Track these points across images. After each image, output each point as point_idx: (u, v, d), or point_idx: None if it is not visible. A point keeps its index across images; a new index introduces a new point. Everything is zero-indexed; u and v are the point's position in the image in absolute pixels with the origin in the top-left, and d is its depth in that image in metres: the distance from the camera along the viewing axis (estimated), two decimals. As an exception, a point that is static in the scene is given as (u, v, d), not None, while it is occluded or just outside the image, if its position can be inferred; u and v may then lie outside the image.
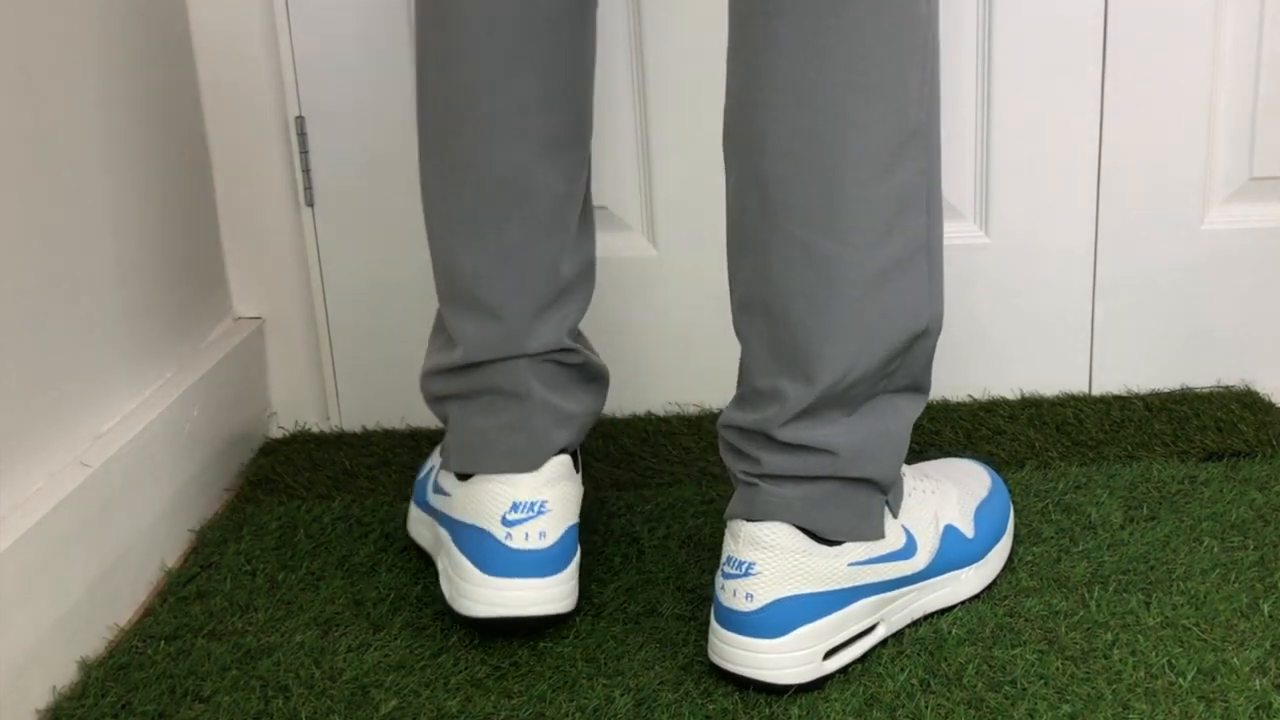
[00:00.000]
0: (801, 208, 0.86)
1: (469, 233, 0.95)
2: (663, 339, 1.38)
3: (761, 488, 0.90)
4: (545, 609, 0.94)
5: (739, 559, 0.90)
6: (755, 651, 0.89)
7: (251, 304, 1.37)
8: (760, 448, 0.91)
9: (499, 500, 0.94)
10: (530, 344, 0.96)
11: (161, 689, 0.94)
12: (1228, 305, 1.37)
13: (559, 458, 0.97)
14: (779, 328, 0.89)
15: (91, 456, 1.03)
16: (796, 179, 0.86)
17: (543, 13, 0.92)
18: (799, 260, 0.87)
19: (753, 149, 0.87)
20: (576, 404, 1.00)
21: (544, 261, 0.96)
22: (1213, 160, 1.34)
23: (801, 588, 0.90)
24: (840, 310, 0.88)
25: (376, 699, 0.92)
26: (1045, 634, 0.96)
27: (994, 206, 1.34)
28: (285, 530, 1.16)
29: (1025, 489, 1.17)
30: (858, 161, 0.85)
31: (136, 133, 1.15)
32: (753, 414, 0.91)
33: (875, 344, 0.89)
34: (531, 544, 0.93)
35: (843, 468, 0.90)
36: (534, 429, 0.96)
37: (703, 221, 1.35)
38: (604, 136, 1.33)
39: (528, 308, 0.96)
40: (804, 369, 0.89)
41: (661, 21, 1.29)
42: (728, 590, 0.91)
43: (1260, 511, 1.12)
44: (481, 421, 0.97)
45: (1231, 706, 0.87)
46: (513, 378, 0.96)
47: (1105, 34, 1.29)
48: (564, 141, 0.95)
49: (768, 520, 0.90)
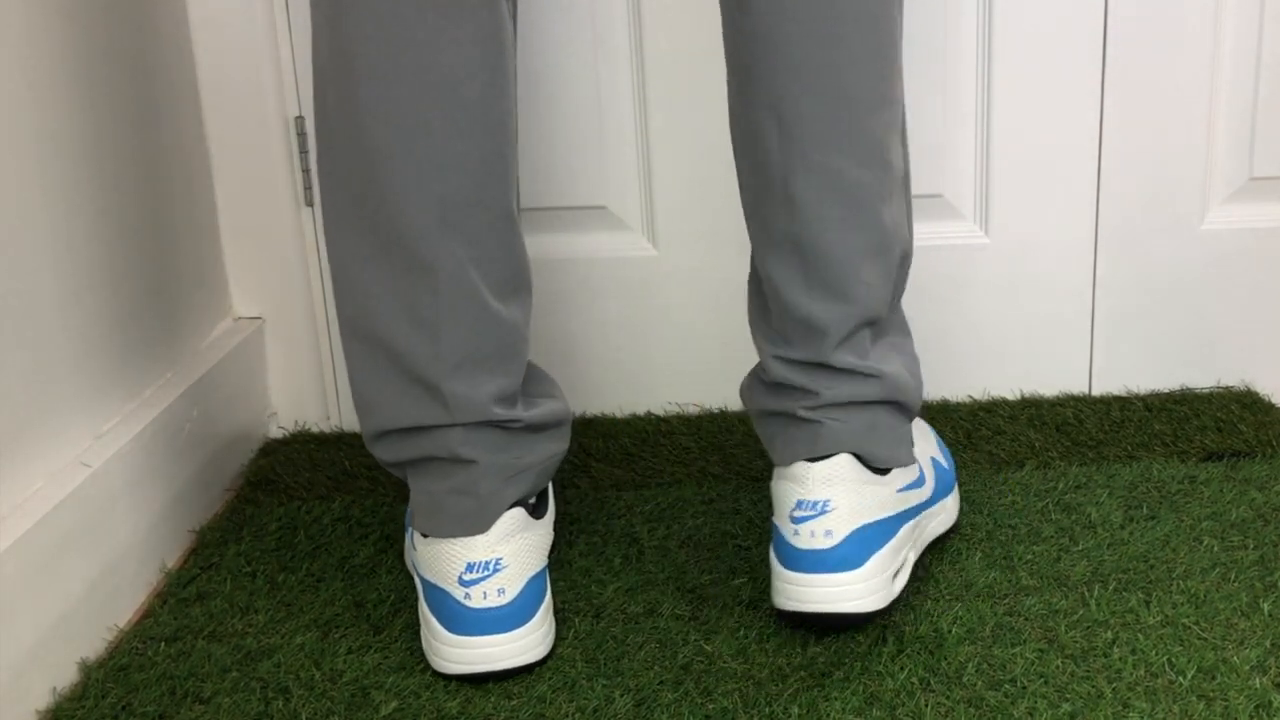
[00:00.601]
0: (826, 137, 0.92)
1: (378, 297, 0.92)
2: (663, 339, 1.38)
3: (824, 423, 0.95)
4: (513, 661, 0.94)
5: (811, 499, 0.94)
6: (840, 585, 0.93)
7: (251, 304, 1.37)
8: (817, 378, 0.96)
9: (454, 561, 0.94)
10: (458, 413, 0.93)
11: (162, 690, 0.94)
12: (1228, 305, 1.37)
13: (511, 512, 0.95)
14: (812, 256, 0.94)
15: (91, 456, 1.03)
16: (822, 110, 0.92)
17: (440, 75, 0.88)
18: (827, 188, 0.93)
19: (776, 86, 0.92)
20: (530, 455, 0.97)
21: (460, 327, 0.92)
22: (1213, 160, 1.34)
23: (870, 516, 0.95)
24: (865, 231, 0.94)
25: (377, 700, 0.92)
26: (1045, 633, 0.96)
27: (994, 206, 1.34)
28: (285, 531, 1.16)
29: (1025, 489, 1.17)
30: (868, 90, 0.92)
31: (136, 132, 1.15)
32: (802, 347, 0.96)
33: (888, 262, 0.96)
34: (490, 602, 0.93)
35: (889, 392, 0.97)
36: (481, 492, 0.94)
37: (703, 221, 1.35)
38: (604, 136, 1.33)
39: (448, 374, 0.93)
40: (842, 291, 0.95)
41: (661, 21, 1.29)
42: (803, 533, 0.94)
43: (1260, 511, 1.12)
44: (431, 484, 0.95)
45: (1231, 705, 0.87)
46: (448, 445, 0.94)
47: (1105, 34, 1.29)
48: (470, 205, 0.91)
49: (832, 454, 0.95)
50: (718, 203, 1.34)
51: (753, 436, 1.32)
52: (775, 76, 0.92)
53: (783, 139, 0.93)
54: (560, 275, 1.36)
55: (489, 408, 0.94)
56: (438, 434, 0.94)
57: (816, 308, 0.95)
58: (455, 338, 0.92)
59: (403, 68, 0.88)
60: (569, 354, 1.39)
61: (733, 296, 1.37)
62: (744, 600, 1.02)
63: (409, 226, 0.90)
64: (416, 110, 0.88)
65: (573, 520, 1.16)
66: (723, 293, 1.36)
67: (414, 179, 0.89)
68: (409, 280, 0.91)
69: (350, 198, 0.91)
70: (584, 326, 1.38)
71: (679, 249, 1.36)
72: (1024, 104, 1.31)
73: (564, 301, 1.37)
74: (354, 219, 0.91)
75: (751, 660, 0.95)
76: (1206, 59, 1.30)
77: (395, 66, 0.88)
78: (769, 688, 0.91)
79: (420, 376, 0.93)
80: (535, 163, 1.34)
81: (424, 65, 0.88)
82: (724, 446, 1.30)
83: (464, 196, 0.91)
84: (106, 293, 1.09)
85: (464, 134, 0.90)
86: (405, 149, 0.89)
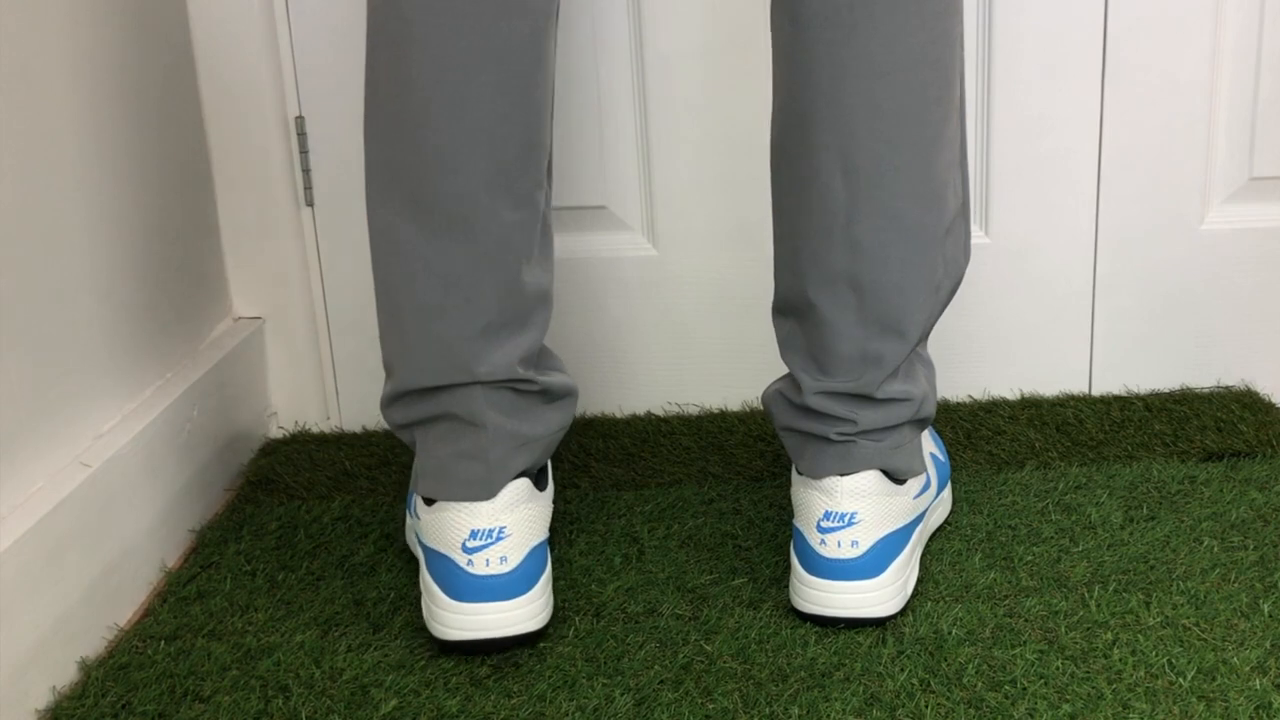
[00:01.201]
0: (893, 182, 0.94)
1: (415, 260, 0.94)
2: (663, 339, 1.38)
3: (857, 443, 0.98)
4: (512, 630, 0.95)
5: (840, 511, 0.98)
6: (862, 593, 0.97)
7: (251, 304, 1.37)
8: (857, 408, 0.99)
9: (458, 528, 0.95)
10: (481, 371, 0.95)
11: (161, 689, 0.94)
12: (1228, 305, 1.37)
13: (517, 482, 0.96)
14: (870, 296, 0.97)
15: (91, 456, 1.03)
16: (889, 155, 0.94)
17: (494, 45, 0.91)
18: (891, 231, 0.95)
19: (842, 134, 0.94)
20: (539, 426, 0.99)
21: (492, 289, 0.95)
22: (1213, 160, 1.34)
23: (891, 526, 0.99)
24: (923, 270, 0.97)
25: (376, 699, 0.92)
26: (1045, 634, 0.96)
27: (994, 206, 1.34)
28: (285, 530, 1.16)
29: (1025, 489, 1.17)
30: (932, 133, 0.95)
31: (136, 133, 1.15)
32: (848, 379, 0.99)
33: (941, 295, 1.00)
34: (493, 569, 0.95)
35: (916, 411, 1.01)
36: (490, 457, 0.96)
37: (703, 221, 1.35)
38: (604, 136, 1.33)
39: (476, 335, 0.95)
40: (897, 329, 0.98)
41: (661, 21, 1.29)
42: (830, 543, 0.98)
43: (1260, 511, 1.12)
44: (440, 449, 0.97)
45: (1231, 706, 0.87)
46: (467, 404, 0.96)
47: (1105, 34, 1.29)
48: (514, 171, 0.94)
49: (862, 471, 0.98)
50: (718, 203, 1.34)
51: (753, 436, 1.32)
52: (841, 120, 0.93)
53: (848, 182, 0.94)
54: (560, 275, 1.36)
55: (513, 368, 0.96)
56: (458, 392, 0.96)
57: (872, 345, 0.98)
58: (489, 300, 0.95)
59: (460, 36, 0.91)
60: (569, 354, 1.39)
61: (733, 296, 1.37)
62: (744, 600, 1.02)
63: (453, 190, 0.93)
64: (468, 79, 0.91)
65: (573, 520, 1.16)
66: (723, 293, 1.36)
67: (463, 145, 0.92)
68: (449, 242, 0.94)
69: (396, 162, 0.94)
70: (584, 326, 1.38)
71: (679, 249, 1.36)
72: (1024, 104, 1.31)
73: (564, 301, 1.37)
74: (398, 184, 0.94)
75: (751, 660, 0.95)
76: (1207, 59, 1.30)
77: (453, 35, 0.91)
78: (769, 688, 0.91)
79: (448, 336, 0.95)
80: (535, 162, 1.34)
81: (481, 36, 0.91)
82: (724, 446, 1.30)
83: (508, 163, 0.94)
84: (106, 293, 1.09)
85: (513, 104, 0.93)
86: (455, 115, 0.92)
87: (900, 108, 0.93)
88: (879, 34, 0.92)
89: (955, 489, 1.18)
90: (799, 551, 1.00)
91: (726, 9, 1.29)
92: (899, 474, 1.00)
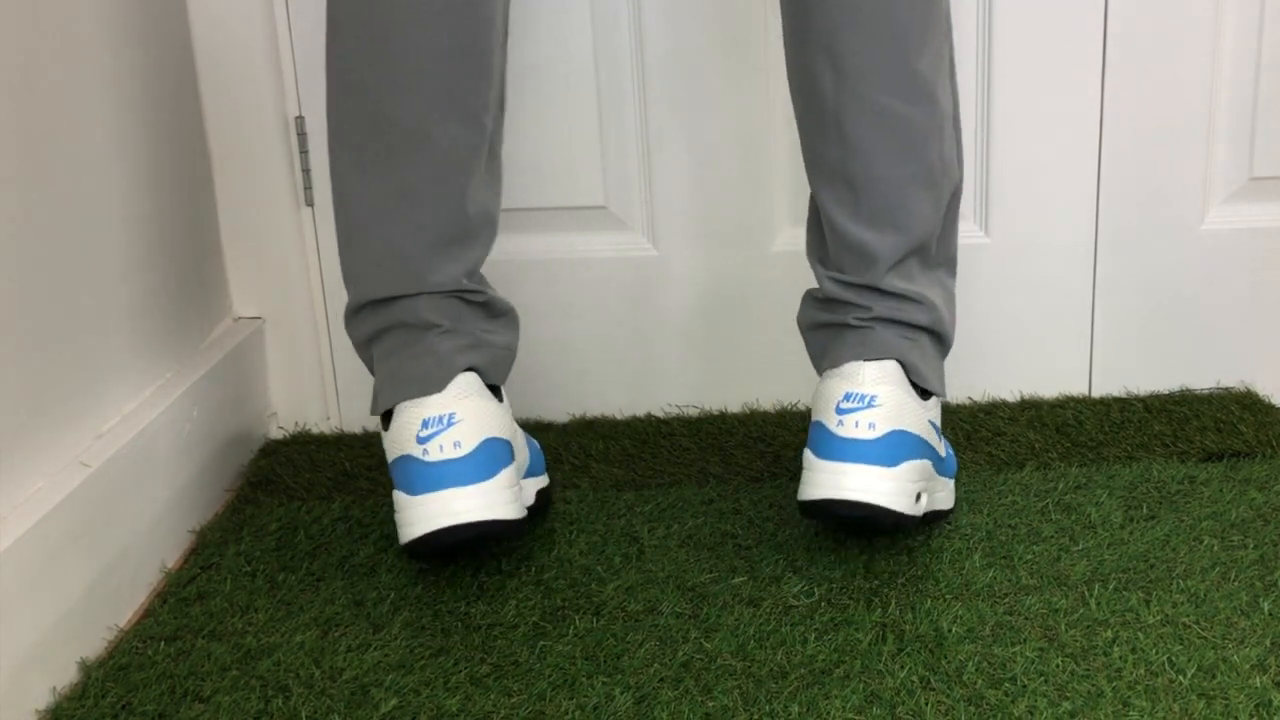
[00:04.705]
0: (876, 75, 0.99)
1: (369, 173, 1.00)
2: (663, 339, 1.38)
3: (876, 330, 1.02)
4: (473, 516, 0.93)
5: (861, 393, 0.99)
6: (874, 479, 0.97)
7: (251, 304, 1.37)
8: (869, 297, 1.02)
9: (411, 422, 0.96)
10: (430, 281, 1.00)
11: (161, 689, 0.94)
12: (1228, 305, 1.37)
13: (466, 375, 0.99)
14: (863, 187, 1.01)
15: (91, 456, 1.03)
16: (872, 50, 0.99)
17: None
18: (877, 123, 1.00)
19: (829, 28, 0.99)
20: (485, 333, 1.04)
21: (443, 203, 1.00)
22: (1213, 160, 1.34)
23: (908, 424, 1.00)
24: (913, 164, 1.01)
25: (376, 698, 0.92)
26: (1045, 631, 0.96)
27: (994, 206, 1.34)
28: (285, 531, 1.16)
29: (1025, 489, 1.17)
30: (916, 32, 0.99)
31: (136, 132, 1.16)
32: (854, 272, 1.03)
33: (936, 195, 1.02)
34: (447, 454, 0.94)
35: (932, 320, 1.04)
36: (439, 351, 1.00)
37: (703, 221, 1.35)
38: (604, 136, 1.33)
39: (426, 246, 1.00)
40: (891, 220, 1.01)
41: (662, 22, 1.29)
42: (848, 423, 0.98)
43: (1260, 511, 1.12)
44: (394, 358, 1.01)
45: (1231, 704, 0.87)
46: (416, 312, 1.01)
47: (1105, 34, 1.29)
48: (465, 92, 0.99)
49: (885, 358, 1.01)
50: (718, 203, 1.34)
51: (752, 437, 1.32)
52: (828, 19, 0.99)
53: (835, 77, 1.00)
54: (560, 275, 1.36)
55: (460, 279, 1.02)
56: (408, 302, 1.01)
57: (868, 236, 1.02)
58: (439, 213, 1.00)
59: None
60: (569, 354, 1.39)
61: (733, 297, 1.37)
62: (744, 598, 1.02)
63: (409, 108, 0.98)
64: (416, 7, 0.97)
65: (573, 520, 1.16)
66: (723, 293, 1.36)
67: (414, 65, 0.98)
68: (403, 158, 0.99)
69: (353, 87, 1.00)
70: (584, 326, 1.38)
71: (679, 249, 1.36)
72: (1024, 104, 1.31)
73: (564, 302, 1.37)
74: (355, 108, 0.99)
75: (751, 658, 0.95)
76: (1207, 59, 1.30)
77: None
78: (769, 685, 0.91)
79: (399, 246, 1.00)
80: (536, 162, 1.34)
81: None
82: (724, 447, 1.30)
83: (463, 83, 0.99)
84: (106, 293, 1.09)
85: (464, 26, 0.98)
86: (412, 38, 0.97)
87: (878, 6, 0.98)
88: None
89: (955, 489, 1.18)
90: (814, 442, 1.00)
91: (726, 9, 1.29)
92: (919, 378, 1.03)
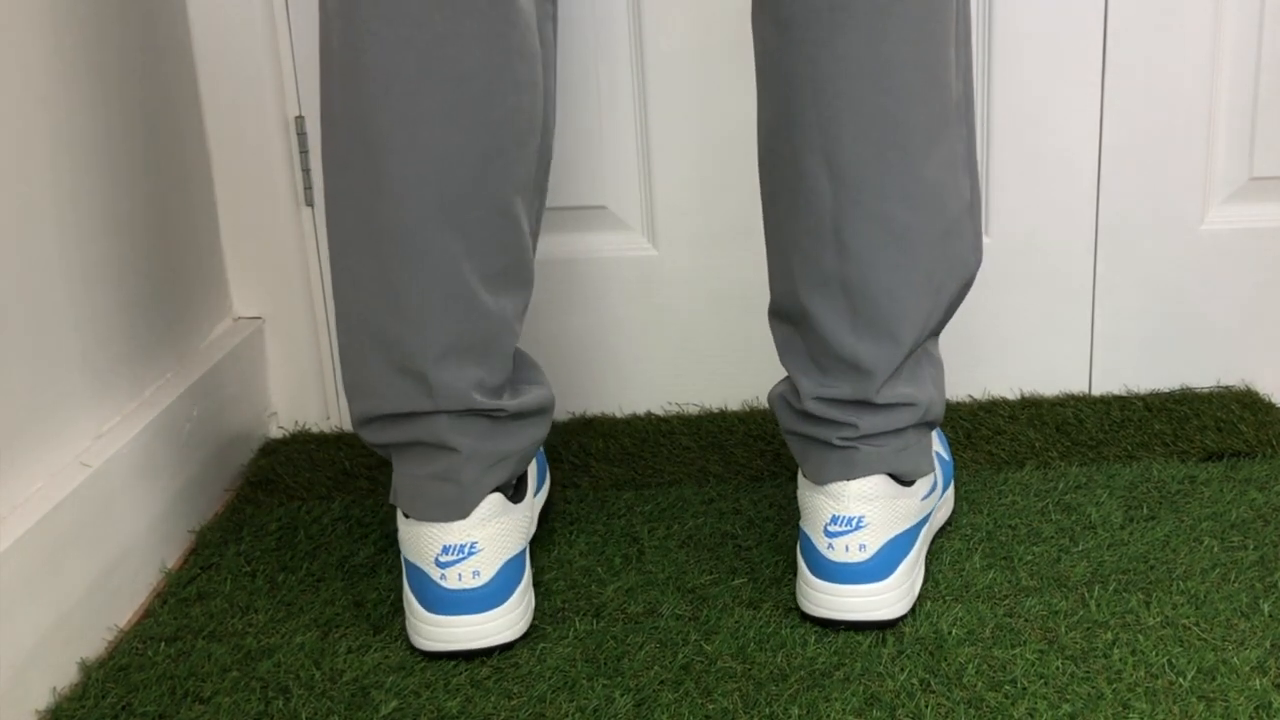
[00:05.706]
0: (879, 184, 0.93)
1: (367, 288, 0.93)
2: (663, 339, 1.38)
3: (860, 449, 0.98)
4: (485, 642, 0.96)
5: (847, 515, 0.97)
6: (871, 596, 0.97)
7: (251, 304, 1.37)
8: (857, 414, 0.98)
9: (431, 543, 0.96)
10: (444, 402, 0.94)
11: (162, 690, 0.94)
12: (1228, 305, 1.37)
13: (490, 498, 0.97)
14: (862, 298, 0.96)
15: (91, 456, 1.03)
16: (874, 158, 0.92)
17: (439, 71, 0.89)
18: (879, 233, 0.94)
19: (827, 136, 0.93)
20: (512, 443, 0.99)
21: (444, 317, 0.93)
22: (1213, 160, 1.34)
23: (899, 528, 0.99)
24: (917, 273, 0.96)
25: (377, 700, 0.92)
26: (1045, 634, 0.96)
27: (994, 206, 1.34)
28: (285, 531, 1.16)
29: (1025, 489, 1.17)
30: (922, 134, 0.93)
31: (136, 133, 1.15)
32: (845, 384, 0.98)
33: (942, 297, 0.98)
34: (465, 584, 0.96)
35: (921, 415, 0.99)
36: (464, 479, 0.96)
37: (703, 221, 1.35)
38: (604, 136, 1.33)
39: (430, 364, 0.94)
40: (891, 332, 0.96)
41: (661, 21, 1.29)
42: (838, 547, 0.97)
43: (1260, 511, 1.12)
44: (415, 469, 0.97)
45: (1232, 706, 0.87)
46: (434, 432, 0.96)
47: (1105, 34, 1.29)
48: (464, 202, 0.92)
49: (868, 476, 0.97)
50: (718, 203, 1.34)
51: (753, 436, 1.32)
52: (825, 122, 0.92)
53: (834, 185, 0.93)
54: (560, 275, 1.36)
55: (471, 395, 0.95)
56: (424, 420, 0.96)
57: (864, 348, 0.96)
58: (441, 328, 0.93)
59: (407, 64, 0.89)
60: (569, 354, 1.39)
61: (733, 296, 1.37)
62: (744, 600, 1.02)
63: (403, 218, 0.91)
64: (417, 106, 0.90)
65: (573, 520, 1.16)
66: (723, 293, 1.36)
67: (412, 172, 0.91)
68: (398, 270, 0.92)
69: (349, 187, 0.92)
70: (584, 326, 1.38)
71: (679, 249, 1.36)
72: (1024, 104, 1.31)
73: (564, 301, 1.37)
74: (351, 208, 0.93)
75: (751, 660, 0.95)
76: (1207, 59, 1.30)
77: (400, 63, 0.89)
78: (769, 688, 0.91)
79: (406, 365, 0.94)
80: (535, 163, 1.34)
81: (427, 63, 0.89)
82: (724, 446, 1.30)
83: (459, 191, 0.92)
84: (106, 293, 1.09)
85: (463, 130, 0.90)
86: (404, 143, 0.90)
87: (883, 109, 0.91)
88: (860, 35, 0.91)
89: (955, 489, 1.18)
90: (806, 555, 0.99)
91: (726, 9, 1.29)
92: (906, 476, 0.99)
